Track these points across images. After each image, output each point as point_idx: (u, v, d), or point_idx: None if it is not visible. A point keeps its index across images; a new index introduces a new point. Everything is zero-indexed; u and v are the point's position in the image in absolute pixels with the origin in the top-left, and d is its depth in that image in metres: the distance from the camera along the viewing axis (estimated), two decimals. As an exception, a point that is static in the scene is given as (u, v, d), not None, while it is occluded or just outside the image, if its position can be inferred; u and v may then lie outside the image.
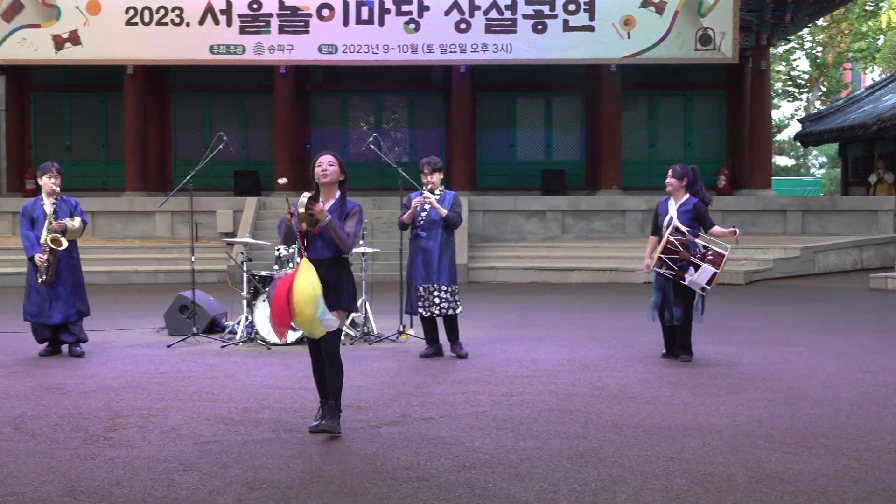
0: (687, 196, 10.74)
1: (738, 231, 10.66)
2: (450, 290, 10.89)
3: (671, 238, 10.35)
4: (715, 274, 10.30)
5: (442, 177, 11.05)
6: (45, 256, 10.95)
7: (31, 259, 11.09)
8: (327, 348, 7.34)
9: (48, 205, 11.14)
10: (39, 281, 11.00)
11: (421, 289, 10.89)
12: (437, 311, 10.89)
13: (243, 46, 24.15)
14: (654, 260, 10.54)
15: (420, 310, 10.94)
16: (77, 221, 11.19)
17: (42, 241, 10.99)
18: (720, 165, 27.44)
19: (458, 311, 11.01)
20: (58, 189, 11.18)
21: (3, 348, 11.78)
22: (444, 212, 10.82)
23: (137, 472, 6.32)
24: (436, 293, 10.85)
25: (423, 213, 10.91)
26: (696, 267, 10.29)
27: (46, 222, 11.04)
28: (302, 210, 7.15)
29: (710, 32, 24.06)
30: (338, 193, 7.59)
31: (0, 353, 11.45)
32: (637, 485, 6.03)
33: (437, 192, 10.94)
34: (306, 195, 7.24)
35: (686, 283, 10.37)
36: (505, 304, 17.01)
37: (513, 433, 7.35)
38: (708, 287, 10.37)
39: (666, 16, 24.03)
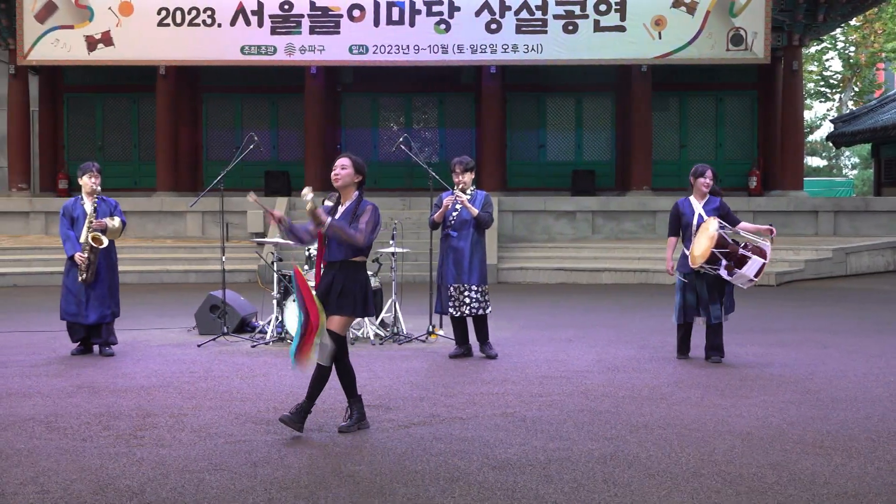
0: (709, 196, 10.74)
1: (774, 230, 10.59)
2: (480, 290, 10.88)
3: (721, 232, 10.28)
4: (763, 265, 10.24)
5: (473, 176, 11.04)
6: (86, 255, 11.00)
7: (71, 258, 11.14)
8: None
9: (88, 204, 11.18)
10: (80, 280, 11.04)
11: (451, 289, 10.89)
12: (467, 312, 10.88)
13: (274, 47, 24.24)
14: (697, 256, 10.43)
15: (450, 310, 10.93)
16: (117, 221, 11.24)
17: (82, 240, 11.05)
18: (752, 166, 27.31)
19: (487, 311, 11.00)
20: (98, 189, 11.22)
21: (36, 347, 11.86)
22: (475, 211, 10.81)
23: (168, 471, 6.34)
24: (466, 293, 10.84)
25: (455, 213, 10.90)
26: (745, 260, 10.23)
27: (86, 222, 11.08)
28: (308, 207, 7.18)
29: (742, 32, 23.96)
30: (355, 194, 7.55)
31: (32, 352, 11.53)
32: (667, 486, 6.01)
33: (468, 191, 10.93)
34: (308, 189, 7.28)
35: (731, 278, 10.30)
36: (534, 304, 16.99)
37: (542, 434, 7.33)
38: (755, 279, 10.31)
39: (697, 16, 23.95)
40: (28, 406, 8.38)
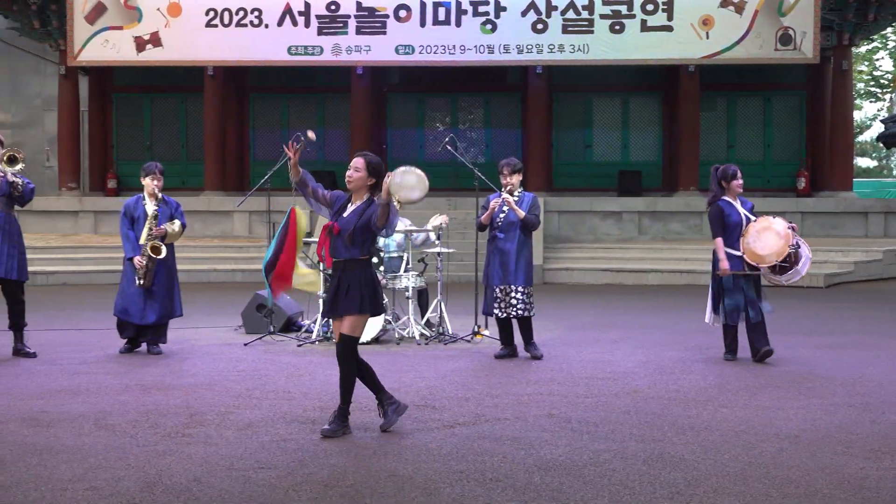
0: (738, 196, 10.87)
1: (796, 227, 10.60)
2: (526, 291, 10.86)
3: (790, 231, 10.36)
4: (808, 259, 10.42)
5: (521, 178, 11.03)
6: (145, 262, 11.07)
7: (129, 260, 11.22)
8: (339, 351, 7.41)
9: (150, 206, 11.21)
10: (137, 284, 11.11)
11: (498, 290, 10.88)
12: (513, 313, 10.86)
13: (321, 47, 24.35)
14: (768, 255, 10.42)
15: (496, 311, 10.92)
16: (177, 225, 11.27)
17: (142, 242, 11.10)
18: (800, 167, 27.08)
19: (532, 313, 10.98)
20: (159, 192, 11.27)
21: (85, 345, 11.98)
22: (522, 213, 10.79)
23: (214, 469, 6.38)
24: (512, 294, 10.83)
25: (502, 215, 10.89)
26: (799, 257, 10.31)
27: (147, 225, 11.13)
28: (384, 199, 7.14)
29: (791, 32, 23.77)
30: (366, 196, 7.44)
31: (82, 349, 11.64)
32: (713, 489, 5.97)
33: (515, 193, 10.91)
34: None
35: (782, 277, 10.36)
36: (580, 305, 16.94)
37: (588, 435, 7.31)
38: (802, 273, 10.43)
39: (745, 15, 23.79)
40: (78, 403, 8.47)
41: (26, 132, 30.12)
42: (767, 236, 10.35)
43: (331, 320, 7.45)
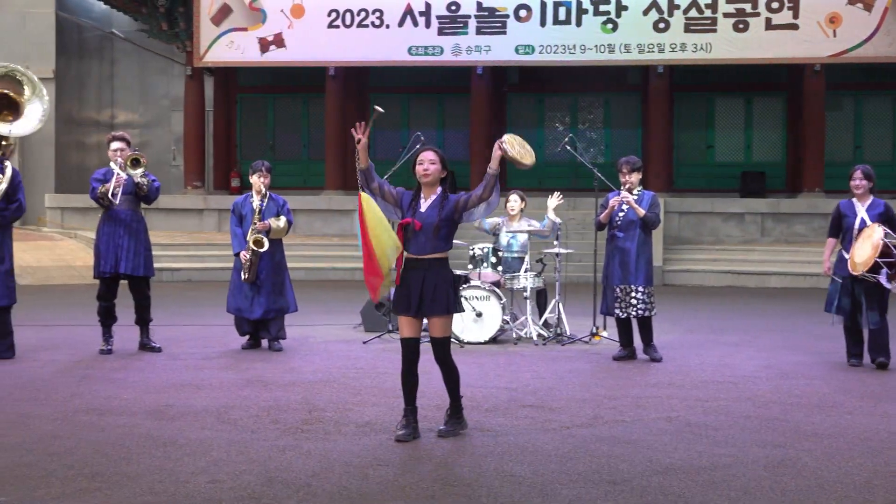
0: (872, 197, 10.40)
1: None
2: (646, 291, 10.76)
3: (886, 241, 9.93)
4: None
5: (640, 177, 10.94)
6: (248, 255, 11.26)
7: (237, 255, 11.44)
8: (438, 355, 7.36)
9: (257, 202, 11.44)
10: (243, 278, 11.33)
11: (618, 290, 10.79)
12: (633, 313, 10.77)
13: (441, 47, 24.45)
14: (858, 264, 10.13)
15: (616, 311, 10.83)
16: (282, 221, 11.46)
17: (248, 238, 11.32)
18: (931, 168, 26.37)
19: (653, 313, 10.87)
20: (265, 189, 11.46)
21: (208, 341, 12.22)
22: (641, 212, 10.70)
23: (333, 465, 6.45)
24: (633, 294, 10.74)
25: (621, 214, 10.80)
26: None
27: (252, 219, 11.36)
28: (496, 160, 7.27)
29: (922, 30, 23.13)
30: (439, 189, 7.39)
31: (205, 345, 11.87)
32: (837, 497, 5.84)
33: (635, 192, 10.83)
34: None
35: (892, 285, 9.98)
36: (700, 307, 16.73)
37: (707, 439, 7.21)
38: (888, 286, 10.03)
39: (874, 13, 23.22)
40: (200, 398, 8.64)
41: (153, 132, 30.86)
42: (864, 244, 10.05)
43: (397, 315, 7.38)
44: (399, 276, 7.33)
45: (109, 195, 10.81)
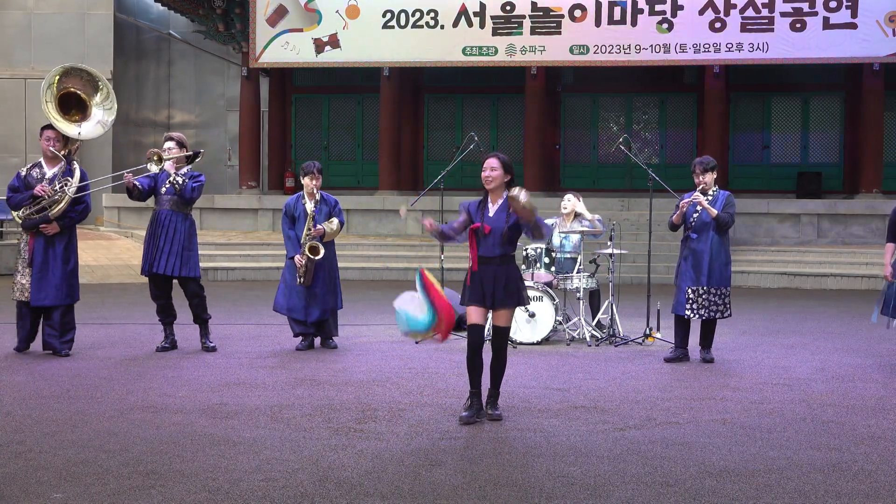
0: None
1: None
2: (719, 292, 10.67)
3: None
4: None
5: (715, 176, 10.85)
6: (304, 261, 11.30)
7: (291, 259, 11.49)
8: (497, 344, 7.93)
9: (310, 205, 11.44)
10: (299, 282, 11.36)
11: (689, 291, 10.71)
12: (705, 315, 10.68)
13: (495, 48, 24.41)
14: None
15: (687, 311, 10.75)
16: (335, 224, 11.49)
17: (301, 241, 11.34)
18: None
19: (726, 315, 10.78)
20: (317, 192, 11.47)
21: (262, 340, 12.31)
22: (714, 212, 10.60)
23: (385, 465, 6.48)
24: (704, 296, 10.65)
25: (695, 215, 10.73)
26: None
27: (306, 225, 11.37)
28: (524, 201, 7.51)
29: None
30: (504, 194, 7.82)
31: (259, 344, 11.96)
32: (893, 501, 5.77)
33: (709, 192, 10.76)
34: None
35: None
36: (756, 309, 16.59)
37: (761, 442, 7.16)
38: None
39: (936, 11, 22.89)
40: (254, 396, 8.71)
41: (209, 132, 31.12)
42: None
43: (468, 306, 7.79)
44: (469, 276, 7.97)
45: (135, 182, 10.96)
